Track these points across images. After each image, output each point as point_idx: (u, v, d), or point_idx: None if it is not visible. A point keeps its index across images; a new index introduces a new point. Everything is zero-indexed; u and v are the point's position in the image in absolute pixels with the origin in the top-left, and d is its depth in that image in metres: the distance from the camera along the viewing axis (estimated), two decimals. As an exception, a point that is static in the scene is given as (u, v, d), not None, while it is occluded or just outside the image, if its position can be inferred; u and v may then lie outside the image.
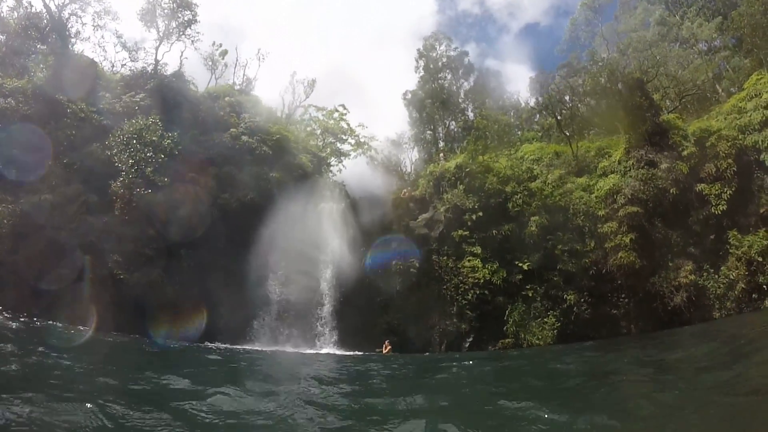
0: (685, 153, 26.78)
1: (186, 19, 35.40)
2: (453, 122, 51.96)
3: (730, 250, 24.51)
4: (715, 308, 24.39)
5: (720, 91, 37.86)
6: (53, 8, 31.23)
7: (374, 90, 79.11)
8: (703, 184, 25.95)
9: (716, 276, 24.67)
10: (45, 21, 30.89)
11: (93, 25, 34.40)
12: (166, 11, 34.83)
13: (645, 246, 26.00)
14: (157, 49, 34.24)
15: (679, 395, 10.03)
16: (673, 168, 26.46)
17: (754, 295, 23.56)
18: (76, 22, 33.41)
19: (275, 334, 26.80)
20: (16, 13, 30.85)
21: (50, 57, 28.75)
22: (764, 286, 23.27)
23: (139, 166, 25.86)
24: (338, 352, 25.47)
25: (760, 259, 23.46)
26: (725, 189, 25.28)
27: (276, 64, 59.79)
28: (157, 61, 33.68)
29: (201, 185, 27.70)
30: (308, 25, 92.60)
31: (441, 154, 41.12)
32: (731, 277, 24.07)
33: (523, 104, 54.26)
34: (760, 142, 25.05)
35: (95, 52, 36.84)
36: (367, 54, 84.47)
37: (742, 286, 23.66)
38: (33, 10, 31.17)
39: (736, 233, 24.52)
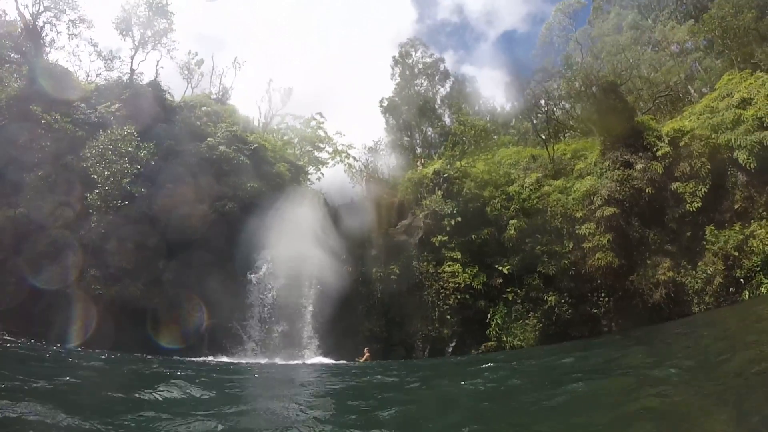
0: (659, 153, 27.03)
1: (162, 27, 35.29)
2: (430, 128, 52.17)
3: (707, 246, 24.73)
4: (694, 303, 24.59)
5: (692, 91, 38.39)
6: (27, 16, 30.92)
7: (351, 98, 79.26)
8: (678, 183, 26.19)
9: (694, 272, 24.88)
10: (19, 29, 30.55)
11: (68, 34, 33.94)
12: (141, 20, 34.65)
13: (623, 245, 26.22)
14: (132, 58, 34.08)
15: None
16: (648, 168, 26.71)
17: (731, 289, 23.77)
18: (51, 30, 33.06)
19: (260, 345, 26.56)
20: (-12, 22, 30.51)
21: (25, 67, 28.43)
22: (741, 280, 23.50)
23: (115, 178, 25.59)
24: (324, 361, 25.28)
25: (736, 253, 23.70)
26: (700, 187, 25.53)
27: (252, 73, 59.81)
28: (132, 71, 33.53)
29: (178, 197, 27.48)
30: (284, 35, 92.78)
31: (419, 161, 41.23)
32: (708, 272, 24.29)
33: (499, 109, 54.78)
34: (732, 141, 25.34)
35: (70, 62, 36.52)
36: (344, 63, 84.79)
37: (720, 280, 23.88)
38: (6, 18, 30.84)
39: (712, 229, 24.78)
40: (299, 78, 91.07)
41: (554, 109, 41.51)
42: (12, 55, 29.55)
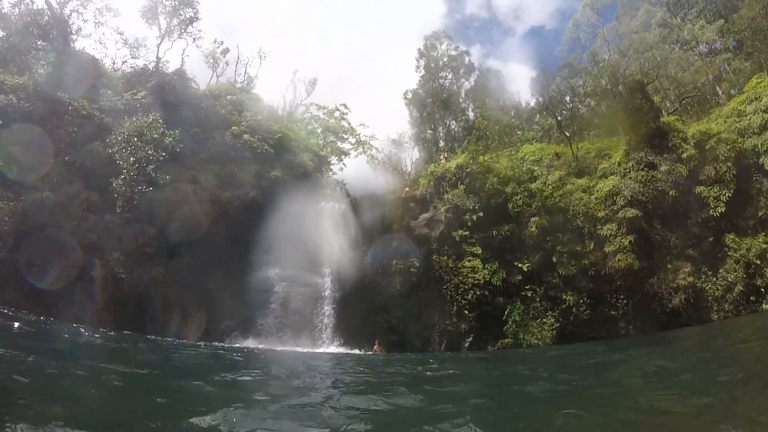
0: (684, 155, 26.81)
1: (187, 16, 35.57)
2: (453, 122, 51.98)
3: (729, 253, 24.57)
4: (713, 310, 24.46)
5: (720, 93, 37.85)
6: (55, 5, 31.35)
7: (376, 90, 79.22)
8: (702, 187, 26.01)
9: (714, 278, 24.73)
10: (46, 18, 30.98)
11: (94, 22, 34.45)
12: (167, 8, 35.01)
13: (644, 248, 26.08)
14: (158, 46, 34.43)
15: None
16: (673, 170, 26.51)
17: (752, 298, 23.63)
18: (78, 18, 33.53)
19: (277, 332, 26.86)
20: (17, 10, 30.96)
21: (51, 54, 28.77)
22: (762, 289, 23.33)
23: (140, 164, 25.90)
24: (339, 350, 25.54)
25: (758, 262, 23.53)
26: (724, 192, 25.34)
27: (277, 62, 59.90)
28: (158, 59, 33.81)
29: (202, 183, 27.80)
30: (310, 24, 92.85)
31: (442, 155, 41.20)
32: (729, 279, 24.15)
33: (523, 104, 54.45)
34: (759, 146, 25.09)
35: (96, 50, 36.89)
36: (370, 55, 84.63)
37: (740, 288, 23.75)
38: (34, 6, 31.30)
39: (734, 236, 24.59)
40: (324, 67, 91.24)
41: (579, 106, 41.24)
42: (39, 43, 29.98)
